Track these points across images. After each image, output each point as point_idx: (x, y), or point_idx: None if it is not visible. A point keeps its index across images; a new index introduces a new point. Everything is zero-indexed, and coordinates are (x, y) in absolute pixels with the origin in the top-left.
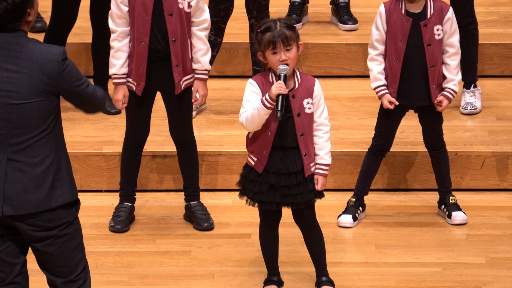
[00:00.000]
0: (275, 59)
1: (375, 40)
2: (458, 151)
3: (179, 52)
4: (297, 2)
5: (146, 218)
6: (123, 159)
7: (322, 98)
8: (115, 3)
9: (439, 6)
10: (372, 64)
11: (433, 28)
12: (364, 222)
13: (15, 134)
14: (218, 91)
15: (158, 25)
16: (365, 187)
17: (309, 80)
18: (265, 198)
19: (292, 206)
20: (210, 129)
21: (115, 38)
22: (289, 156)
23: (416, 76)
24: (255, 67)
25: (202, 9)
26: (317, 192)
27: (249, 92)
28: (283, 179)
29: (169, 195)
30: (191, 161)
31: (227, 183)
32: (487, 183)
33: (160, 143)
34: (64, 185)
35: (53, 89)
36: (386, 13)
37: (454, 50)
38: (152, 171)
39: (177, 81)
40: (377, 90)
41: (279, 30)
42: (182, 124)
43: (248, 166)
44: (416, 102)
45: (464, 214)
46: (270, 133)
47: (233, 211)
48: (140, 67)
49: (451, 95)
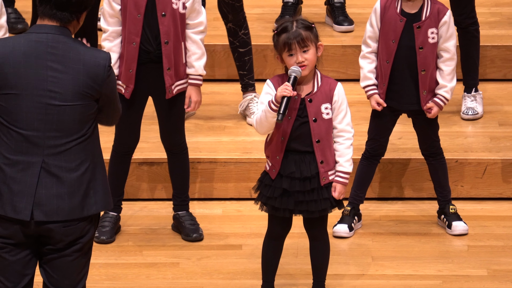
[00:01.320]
0: (292, 61)
1: (368, 37)
2: (459, 158)
3: (171, 55)
4: (290, 2)
5: (132, 228)
6: (110, 167)
7: (344, 103)
8: (107, 1)
9: (436, 9)
10: (364, 61)
11: (427, 31)
12: (360, 233)
13: (52, 137)
14: (207, 96)
15: (150, 25)
16: (360, 194)
17: (330, 84)
18: (278, 204)
19: (306, 214)
20: (199, 135)
21: (106, 38)
22: (304, 160)
23: (405, 79)
24: (241, 71)
25: (198, 11)
26: (334, 201)
27: (264, 93)
28: (297, 184)
29: (157, 204)
30: (182, 169)
31: (217, 192)
32: (489, 192)
33: (147, 149)
34: (97, 193)
35: (96, 94)
36: (381, 10)
37: (449, 56)
38: (139, 179)
39: (168, 85)
40: (366, 89)
41: (294, 31)
42: (174, 131)
43: (265, 171)
44: (405, 106)
45: (464, 224)
46: (283, 137)
47: (224, 221)
48: (130, 68)
49: (442, 102)
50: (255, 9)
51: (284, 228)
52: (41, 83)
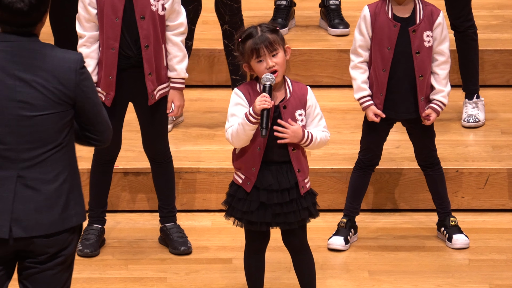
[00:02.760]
0: (262, 68)
1: (359, 46)
2: (459, 168)
3: (152, 59)
4: (283, 4)
5: (117, 241)
6: (92, 177)
7: (317, 107)
8: (82, 5)
9: (429, 10)
10: (355, 72)
11: (422, 35)
12: (356, 246)
13: (26, 149)
14: (196, 102)
15: (129, 29)
16: (355, 206)
17: (301, 89)
18: (254, 218)
19: (284, 226)
20: (187, 143)
21: (83, 44)
22: (280, 171)
23: (403, 87)
24: (234, 76)
25: (178, 12)
26: (313, 210)
27: (234, 104)
28: (275, 196)
29: (143, 216)
30: (167, 179)
31: (206, 203)
32: (491, 203)
33: (132, 159)
34: (77, 204)
35: (70, 100)
36: (371, 17)
37: (444, 59)
38: (123, 190)
39: (150, 91)
40: (361, 101)
41: (260, 35)
42: (157, 138)
43: (235, 184)
44: (403, 114)
45: (465, 237)
46: (259, 148)
47: (213, 234)
48: (110, 75)
49: (440, 107)
50: (246, 12)
51: (263, 241)
52: (10, 94)
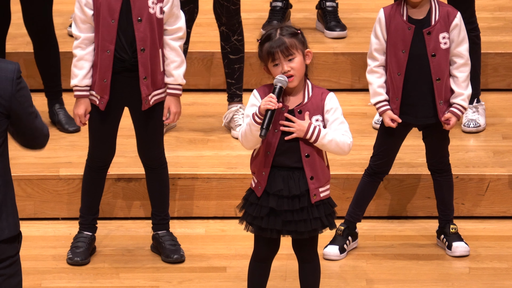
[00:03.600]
0: (277, 72)
1: (375, 50)
2: (459, 174)
3: (147, 63)
4: (278, 6)
5: (108, 249)
6: (84, 183)
7: (337, 111)
8: (79, 6)
9: (445, 11)
10: (372, 76)
11: (438, 36)
12: (354, 254)
13: None
14: (189, 106)
15: (125, 31)
16: (358, 212)
17: (321, 94)
18: (264, 224)
19: (295, 235)
20: (180, 149)
21: (78, 45)
22: (292, 177)
23: (420, 91)
24: (229, 79)
25: (177, 16)
26: (325, 221)
27: (249, 105)
28: (285, 203)
29: (135, 223)
30: (161, 185)
31: (200, 210)
32: (492, 210)
33: (125, 164)
34: (9, 216)
35: (4, 110)
36: (386, 20)
37: (463, 61)
38: (116, 197)
39: (145, 96)
40: (377, 106)
41: (278, 39)
42: (152, 144)
43: (250, 188)
44: (421, 119)
45: (466, 245)
46: (269, 152)
47: (207, 242)
48: (104, 78)
49: (460, 111)
50: (241, 14)
51: (271, 250)
52: None
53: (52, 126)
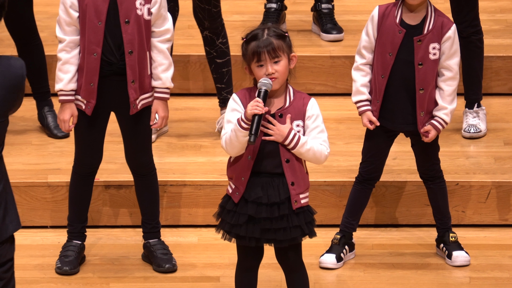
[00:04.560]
0: (261, 73)
1: (363, 47)
2: (459, 181)
3: (136, 66)
4: (273, 8)
5: (98, 258)
6: (72, 190)
7: (318, 119)
8: (63, 8)
9: (441, 22)
10: (357, 74)
11: (428, 46)
12: (351, 263)
13: None
14: (181, 111)
15: (112, 34)
16: (352, 222)
17: (303, 99)
18: (243, 232)
19: (274, 243)
20: (172, 155)
21: (63, 49)
22: (272, 184)
23: (401, 97)
24: (218, 84)
25: (164, 18)
26: (306, 229)
27: (230, 110)
28: (264, 210)
29: (125, 231)
30: (151, 192)
31: (192, 218)
32: (493, 218)
33: (114, 171)
34: (10, 212)
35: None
36: (379, 18)
37: (451, 74)
38: (105, 204)
39: (133, 100)
40: (358, 105)
41: (265, 39)
42: (140, 150)
43: (227, 195)
44: (400, 126)
45: (466, 254)
46: (250, 156)
47: (199, 250)
48: (91, 82)
49: (440, 125)
50: (235, 16)
51: (255, 258)
52: None
53: (40, 132)
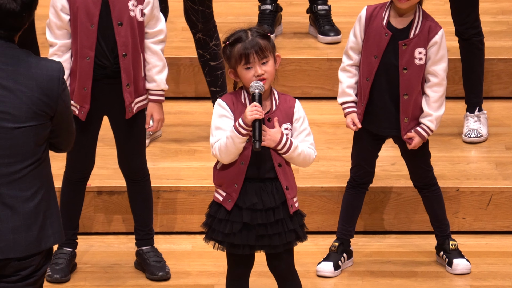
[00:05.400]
0: (249, 75)
1: (350, 48)
2: (460, 187)
3: (130, 69)
4: (268, 9)
5: (90, 266)
6: (63, 197)
7: (305, 121)
8: (54, 11)
9: (428, 26)
10: (343, 75)
11: (414, 51)
12: (349, 271)
13: (5, 164)
14: (174, 115)
15: (105, 36)
16: (349, 228)
17: (288, 101)
18: (237, 241)
19: (269, 249)
20: (165, 160)
21: (54, 53)
22: (266, 189)
23: (385, 102)
24: (213, 88)
25: (157, 18)
26: (301, 233)
27: (218, 116)
28: (259, 216)
29: (117, 238)
30: (144, 198)
31: (186, 224)
32: (495, 225)
33: (106, 177)
34: (54, 223)
35: (51, 111)
36: (366, 19)
37: (437, 80)
38: (97, 211)
39: (128, 103)
40: (343, 106)
41: (251, 40)
42: (133, 155)
43: (215, 203)
44: (385, 130)
45: (467, 262)
46: (243, 162)
47: (193, 258)
48: (84, 86)
49: (425, 132)
50: (228, 17)
51: (246, 267)
52: None
53: None
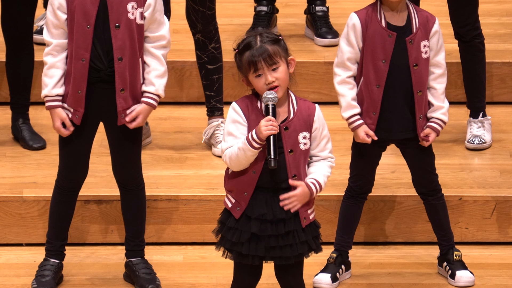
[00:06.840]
0: (261, 83)
1: (347, 59)
2: (463, 196)
3: (125, 73)
4: (263, 11)
5: (78, 278)
6: (53, 206)
7: (325, 128)
8: (51, 9)
9: (425, 17)
10: (344, 88)
11: (419, 45)
12: (347, 283)
13: None
14: (165, 121)
15: (101, 38)
16: (347, 239)
17: (308, 108)
18: (245, 251)
19: (280, 261)
20: (156, 168)
21: (49, 52)
22: (276, 200)
23: (398, 105)
24: (208, 92)
25: (160, 22)
26: (313, 244)
27: (231, 121)
28: (269, 228)
29: (107, 249)
30: (137, 208)
31: (177, 235)
32: (499, 235)
33: (95, 185)
34: None
35: None
36: (362, 26)
37: (441, 71)
38: (85, 221)
39: (121, 109)
40: (351, 120)
41: (259, 46)
42: (129, 163)
43: (226, 210)
44: (398, 134)
45: (471, 274)
46: (255, 171)
47: (185, 270)
48: (79, 89)
49: (440, 126)
50: (223, 19)
51: (253, 278)
52: None
53: (15, 143)
